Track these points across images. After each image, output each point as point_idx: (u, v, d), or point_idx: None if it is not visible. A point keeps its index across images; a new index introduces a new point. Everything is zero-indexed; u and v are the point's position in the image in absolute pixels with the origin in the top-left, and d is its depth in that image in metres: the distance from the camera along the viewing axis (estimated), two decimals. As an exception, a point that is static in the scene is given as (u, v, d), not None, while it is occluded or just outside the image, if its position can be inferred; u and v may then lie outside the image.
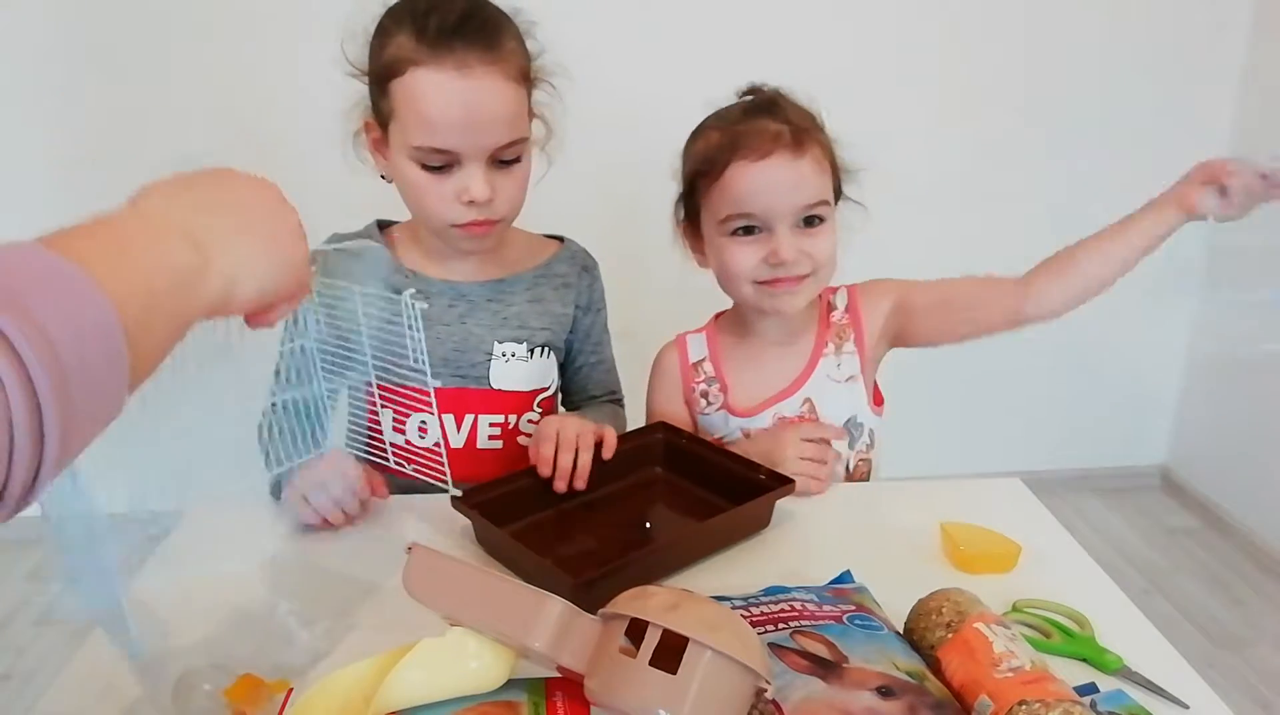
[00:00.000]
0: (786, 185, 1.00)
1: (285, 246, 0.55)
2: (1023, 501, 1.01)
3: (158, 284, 0.47)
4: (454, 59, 0.92)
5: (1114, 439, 2.53)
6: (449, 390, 1.08)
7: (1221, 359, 2.36)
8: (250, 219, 0.54)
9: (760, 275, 1.02)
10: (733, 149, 1.00)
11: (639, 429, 1.08)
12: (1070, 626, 0.78)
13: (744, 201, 1.00)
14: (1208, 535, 2.35)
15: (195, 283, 0.49)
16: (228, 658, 0.72)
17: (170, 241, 0.49)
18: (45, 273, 0.41)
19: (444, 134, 0.94)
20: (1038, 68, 2.15)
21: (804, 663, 0.65)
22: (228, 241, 0.52)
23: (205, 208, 0.52)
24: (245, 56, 1.97)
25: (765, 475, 0.94)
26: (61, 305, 0.40)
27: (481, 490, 0.93)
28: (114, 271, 0.44)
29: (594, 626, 0.60)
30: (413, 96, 0.94)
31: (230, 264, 0.52)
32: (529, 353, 1.11)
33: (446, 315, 1.09)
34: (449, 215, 0.99)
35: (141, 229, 0.49)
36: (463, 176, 0.97)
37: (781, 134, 1.00)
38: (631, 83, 1.86)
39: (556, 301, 1.14)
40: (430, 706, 0.61)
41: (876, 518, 0.97)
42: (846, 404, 1.10)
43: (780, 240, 1.00)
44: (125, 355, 0.43)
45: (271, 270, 0.54)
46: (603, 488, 0.98)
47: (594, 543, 0.93)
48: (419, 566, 0.64)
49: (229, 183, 0.55)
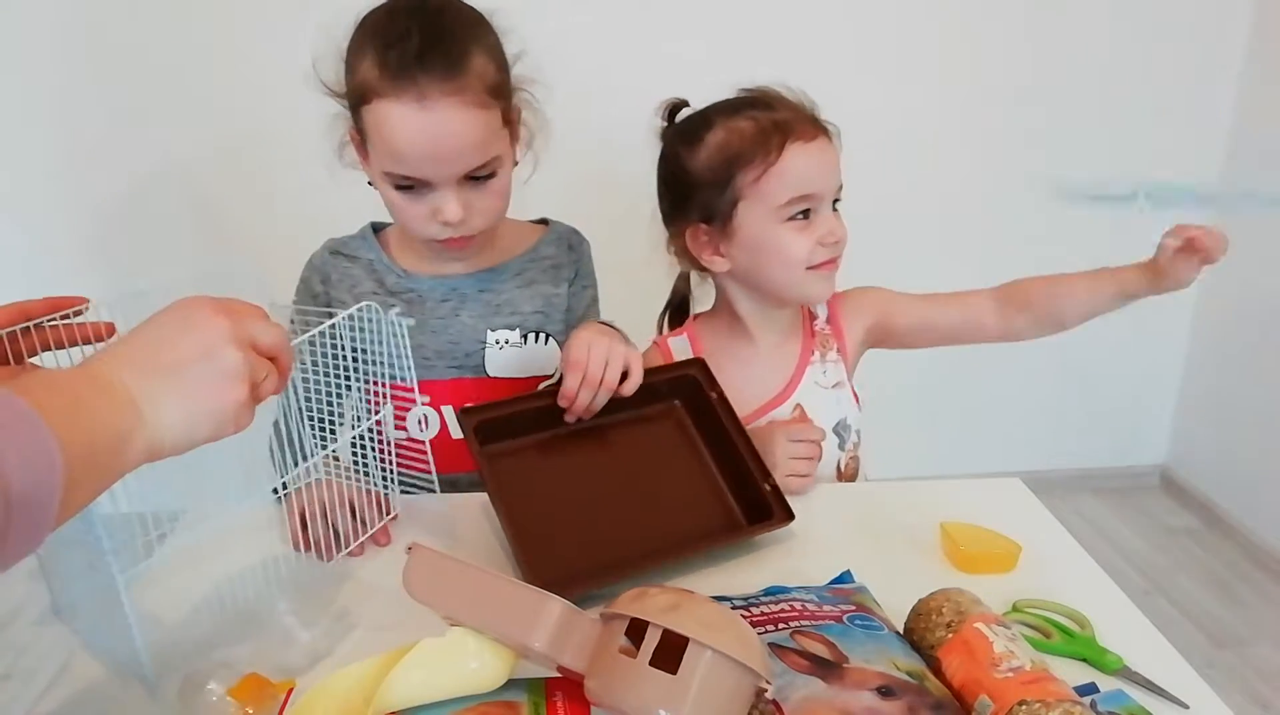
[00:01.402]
0: (832, 164, 1.03)
1: (215, 397, 0.61)
2: (1023, 501, 1.01)
3: (99, 441, 0.54)
4: (414, 91, 0.91)
5: (1114, 439, 2.53)
6: (446, 382, 1.09)
7: (1221, 359, 2.36)
8: (185, 378, 0.60)
9: (815, 258, 1.03)
10: (784, 132, 1.01)
11: (675, 363, 1.05)
12: (1070, 626, 0.78)
13: (807, 182, 1.01)
14: (1208, 535, 2.35)
15: (129, 442, 0.56)
16: (229, 657, 0.72)
17: (113, 403, 0.56)
18: (12, 416, 0.48)
19: (411, 163, 0.95)
20: (1037, 67, 2.15)
21: (804, 663, 0.65)
22: (160, 405, 0.58)
23: (137, 364, 0.58)
24: (245, 56, 1.96)
25: (771, 487, 0.93)
26: (22, 445, 0.48)
27: (487, 409, 0.93)
28: (65, 424, 0.51)
29: (594, 626, 0.60)
30: (379, 125, 0.94)
31: (162, 425, 0.58)
32: (522, 338, 1.11)
33: (440, 310, 1.10)
34: (425, 232, 1.01)
35: (92, 391, 0.55)
36: (435, 198, 0.98)
37: (814, 118, 1.04)
38: (632, 84, 1.86)
39: (548, 282, 1.14)
40: (430, 706, 0.62)
41: (876, 518, 0.97)
42: (835, 409, 1.12)
43: (831, 220, 1.03)
44: (57, 498, 0.49)
45: (200, 421, 0.60)
46: (617, 413, 0.96)
47: (581, 519, 0.91)
48: (419, 566, 0.64)
49: (171, 338, 0.61)
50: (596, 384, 0.92)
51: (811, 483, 1.01)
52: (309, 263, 1.13)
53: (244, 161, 2.00)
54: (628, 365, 0.94)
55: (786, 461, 1.00)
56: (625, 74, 1.89)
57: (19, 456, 0.47)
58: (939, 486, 1.02)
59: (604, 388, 0.92)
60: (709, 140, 1.04)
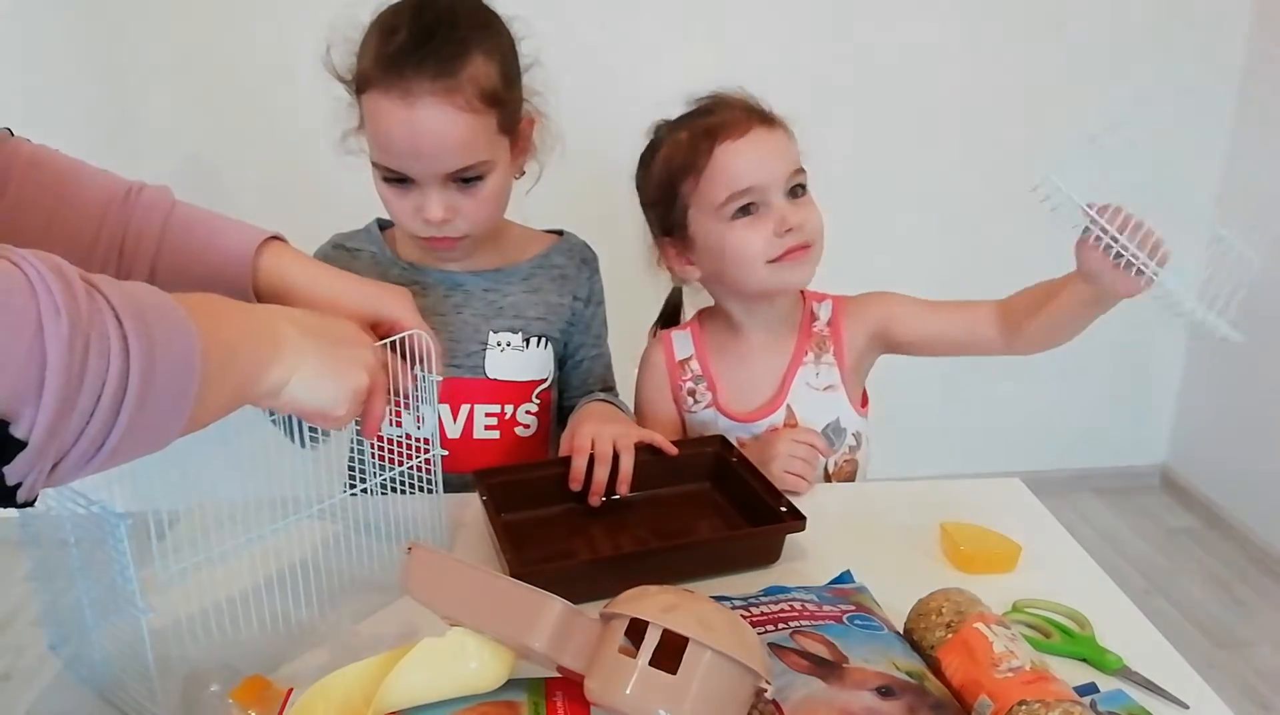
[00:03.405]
0: (773, 155, 1.02)
1: (343, 373, 0.70)
2: (1023, 501, 1.01)
3: (240, 352, 0.60)
4: (400, 87, 0.92)
5: (1114, 439, 2.53)
6: (444, 380, 1.08)
7: (1221, 359, 2.36)
8: (328, 343, 0.69)
9: (773, 252, 1.02)
10: (712, 136, 1.03)
11: (693, 440, 1.07)
12: (1070, 626, 0.78)
13: (740, 178, 1.01)
14: (1208, 535, 2.35)
15: (262, 368, 0.63)
16: (229, 658, 0.72)
17: (258, 331, 0.64)
18: (164, 307, 0.53)
19: (394, 157, 0.96)
20: (1037, 68, 2.15)
21: (804, 663, 0.65)
22: (301, 352, 0.66)
23: (297, 323, 0.67)
24: (246, 54, 1.97)
25: (786, 507, 0.90)
26: (169, 333, 0.52)
27: (502, 472, 0.95)
28: (212, 327, 0.56)
29: (594, 626, 0.60)
30: (370, 115, 0.95)
31: (294, 368, 0.65)
32: (524, 343, 1.11)
33: (442, 305, 1.09)
34: (411, 227, 1.01)
35: (242, 314, 0.63)
36: (418, 195, 0.98)
37: (751, 113, 1.04)
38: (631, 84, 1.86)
39: (553, 292, 1.14)
40: (430, 706, 0.61)
41: (876, 518, 0.97)
42: (826, 411, 1.11)
43: (783, 209, 1.02)
44: (192, 397, 0.53)
45: (325, 387, 0.68)
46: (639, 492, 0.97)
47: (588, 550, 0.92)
48: (419, 566, 0.64)
49: (325, 323, 0.71)
50: (608, 460, 0.95)
51: (808, 486, 1.02)
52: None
53: (248, 157, 2.00)
54: (645, 440, 0.98)
55: (785, 458, 1.01)
56: (625, 74, 1.90)
57: (165, 333, 0.51)
58: (939, 486, 1.02)
59: (622, 451, 0.95)
60: (658, 158, 1.08)
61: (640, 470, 0.97)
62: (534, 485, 0.96)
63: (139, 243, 0.81)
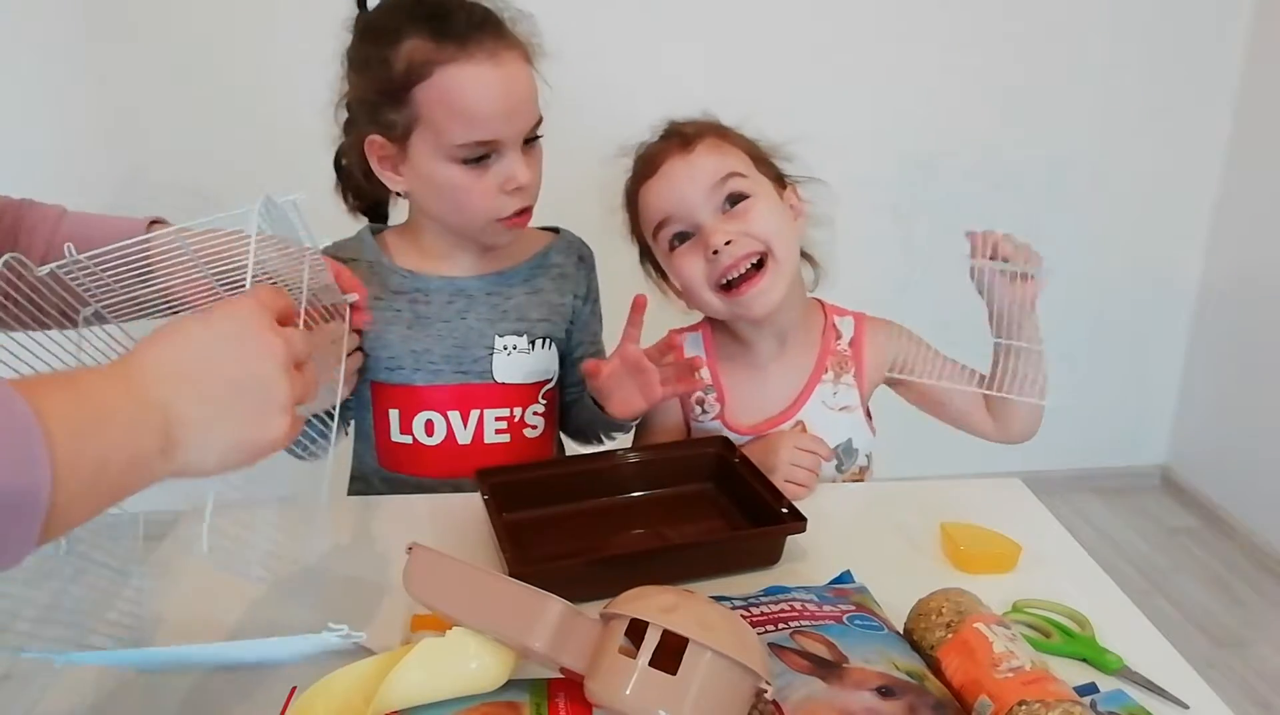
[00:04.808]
0: (685, 178, 1.00)
1: (259, 431, 0.58)
2: (1023, 501, 1.01)
3: (113, 461, 0.50)
4: (484, 50, 0.94)
5: (1114, 439, 2.53)
6: (453, 387, 1.08)
7: (1221, 359, 2.36)
8: (233, 410, 0.57)
9: (714, 278, 1.00)
10: (637, 179, 1.05)
11: (694, 440, 1.09)
12: (1070, 626, 0.78)
13: (660, 210, 1.02)
14: (1208, 535, 2.34)
15: (149, 466, 0.53)
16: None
17: (144, 424, 0.52)
18: (9, 423, 0.45)
19: (485, 124, 0.96)
20: (1037, 68, 2.15)
21: (804, 663, 0.65)
22: (199, 434, 0.55)
23: (193, 397, 0.55)
24: (245, 56, 1.97)
25: (788, 509, 0.90)
26: (11, 457, 0.44)
27: (503, 472, 0.96)
28: (77, 439, 0.48)
29: (594, 627, 0.60)
30: (447, 93, 0.95)
31: (194, 453, 0.55)
32: (530, 345, 1.11)
33: (446, 312, 1.09)
34: (493, 209, 1.00)
35: (123, 403, 0.52)
36: (504, 166, 0.98)
37: (669, 145, 1.03)
38: (630, 84, 1.86)
39: (554, 292, 1.14)
40: (430, 706, 0.62)
41: (876, 518, 0.97)
42: (839, 431, 1.09)
43: (710, 232, 0.99)
44: (39, 524, 0.46)
45: (237, 453, 0.58)
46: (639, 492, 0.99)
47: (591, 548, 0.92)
48: (419, 566, 0.64)
49: (224, 358, 0.57)
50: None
51: (808, 493, 1.01)
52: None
53: (244, 166, 2.00)
54: None
55: (788, 467, 1.00)
56: (623, 75, 1.90)
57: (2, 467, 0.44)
58: (939, 486, 1.02)
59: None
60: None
61: (641, 470, 0.99)
62: (536, 485, 0.96)
63: (35, 226, 0.83)
